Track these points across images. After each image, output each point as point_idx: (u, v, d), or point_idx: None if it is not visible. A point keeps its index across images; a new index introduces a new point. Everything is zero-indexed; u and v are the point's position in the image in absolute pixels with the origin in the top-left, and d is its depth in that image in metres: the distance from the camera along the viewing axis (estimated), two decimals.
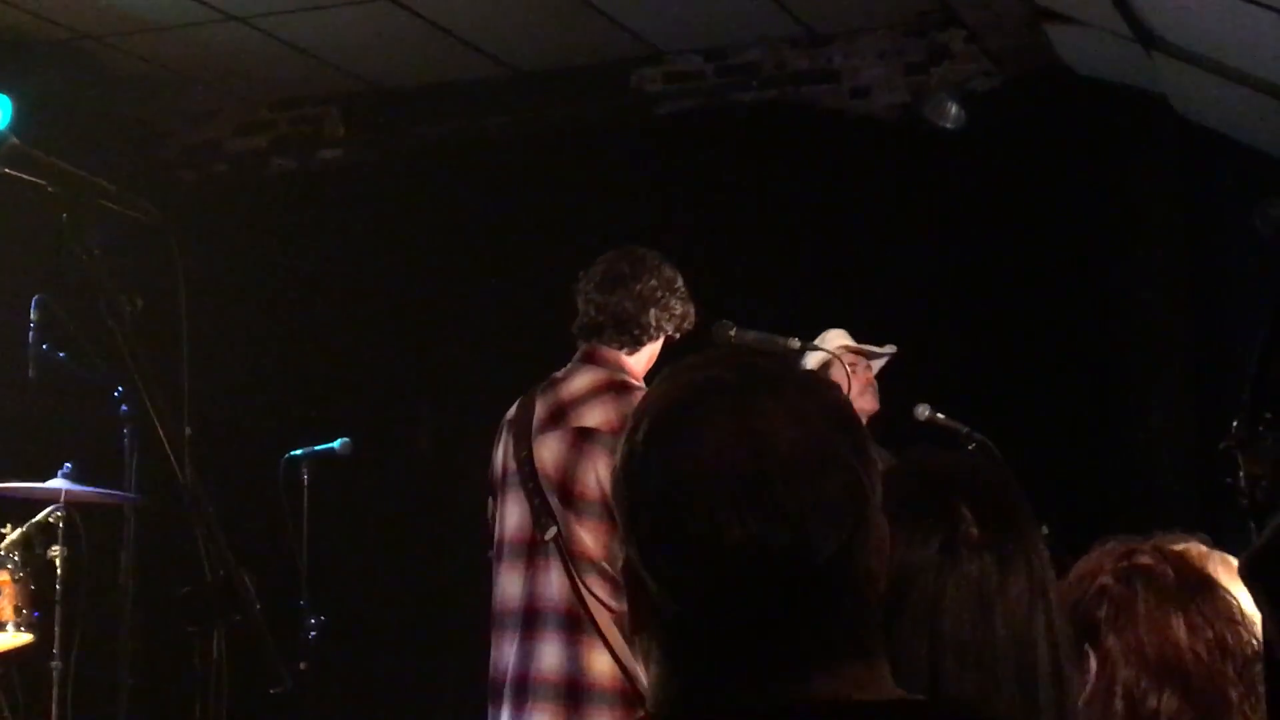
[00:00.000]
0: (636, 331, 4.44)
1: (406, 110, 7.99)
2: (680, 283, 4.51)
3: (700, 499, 1.45)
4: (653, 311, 4.43)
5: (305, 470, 6.40)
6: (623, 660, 4.25)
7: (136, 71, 7.62)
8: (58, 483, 5.74)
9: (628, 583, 1.53)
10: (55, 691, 5.67)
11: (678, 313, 4.49)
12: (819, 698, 1.45)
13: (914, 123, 7.02)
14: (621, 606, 4.25)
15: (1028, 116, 6.88)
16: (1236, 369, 6.39)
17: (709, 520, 1.45)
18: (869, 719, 1.46)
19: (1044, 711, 1.79)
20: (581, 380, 4.43)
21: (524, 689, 4.34)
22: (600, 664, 4.27)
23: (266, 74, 7.73)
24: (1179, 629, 2.15)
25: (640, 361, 4.48)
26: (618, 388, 4.35)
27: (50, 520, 5.78)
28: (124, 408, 5.52)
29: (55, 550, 5.75)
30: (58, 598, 5.71)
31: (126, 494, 5.57)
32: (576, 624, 4.29)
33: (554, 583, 4.33)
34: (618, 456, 1.54)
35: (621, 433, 4.28)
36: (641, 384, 4.41)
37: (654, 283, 4.46)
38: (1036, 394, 6.62)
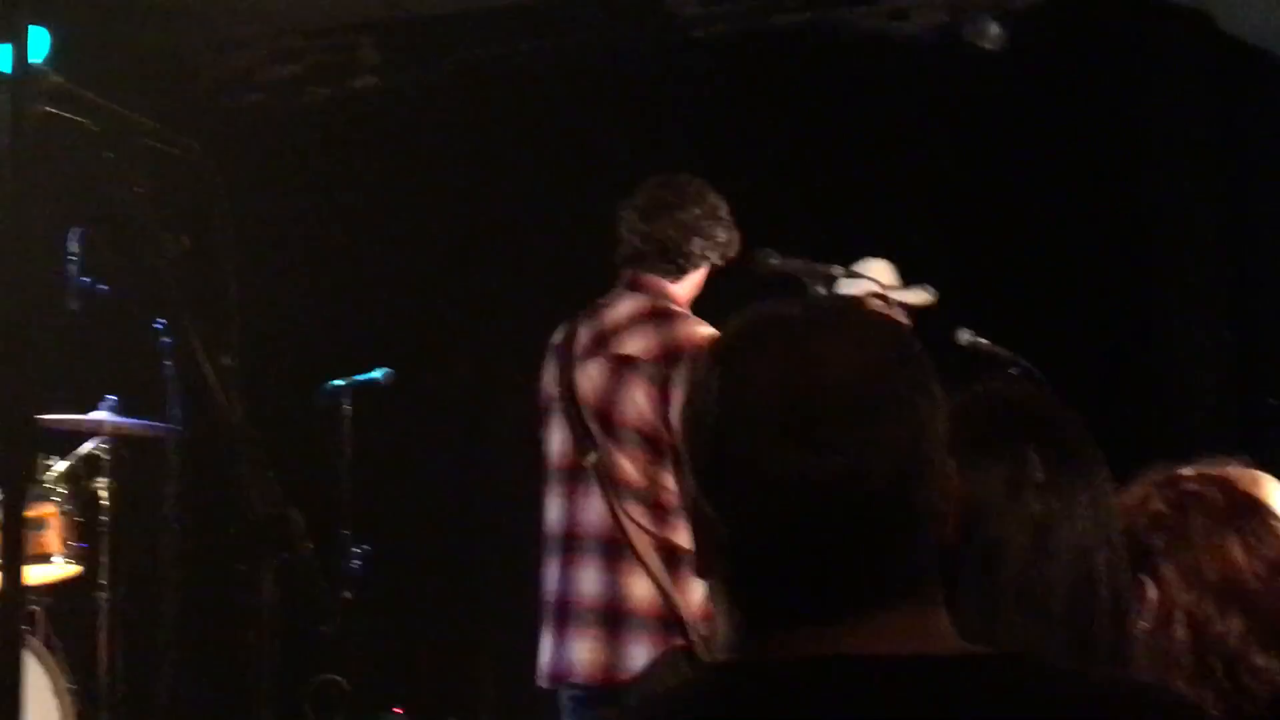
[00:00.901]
0: (680, 259, 4.43)
1: (439, 36, 7.94)
2: (724, 210, 4.50)
3: (753, 428, 1.45)
4: (696, 240, 4.42)
5: (346, 400, 6.41)
6: (662, 585, 4.27)
7: (168, 2, 7.58)
8: (101, 415, 5.76)
9: (692, 519, 1.53)
10: (103, 622, 5.72)
11: (722, 240, 4.48)
12: (873, 647, 1.44)
13: (954, 43, 6.93)
14: (660, 532, 4.27)
15: (1069, 35, 6.79)
16: (1271, 285, 6.37)
17: (761, 449, 1.44)
18: (924, 674, 1.44)
19: (1101, 651, 1.78)
20: (624, 308, 4.43)
21: (565, 613, 4.39)
22: (639, 589, 4.30)
23: (296, 3, 7.68)
24: (1236, 550, 2.15)
25: (685, 289, 4.47)
26: (659, 315, 4.35)
27: (94, 452, 5.82)
28: (165, 340, 5.54)
29: (100, 482, 5.79)
30: (104, 529, 5.75)
31: (170, 425, 5.60)
32: (616, 550, 4.32)
33: (594, 508, 4.36)
34: (686, 389, 1.55)
35: (662, 360, 4.25)
36: (686, 311, 4.40)
37: (698, 210, 4.45)
38: (1075, 317, 6.57)
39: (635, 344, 4.33)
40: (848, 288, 5.17)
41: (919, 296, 5.29)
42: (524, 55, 7.75)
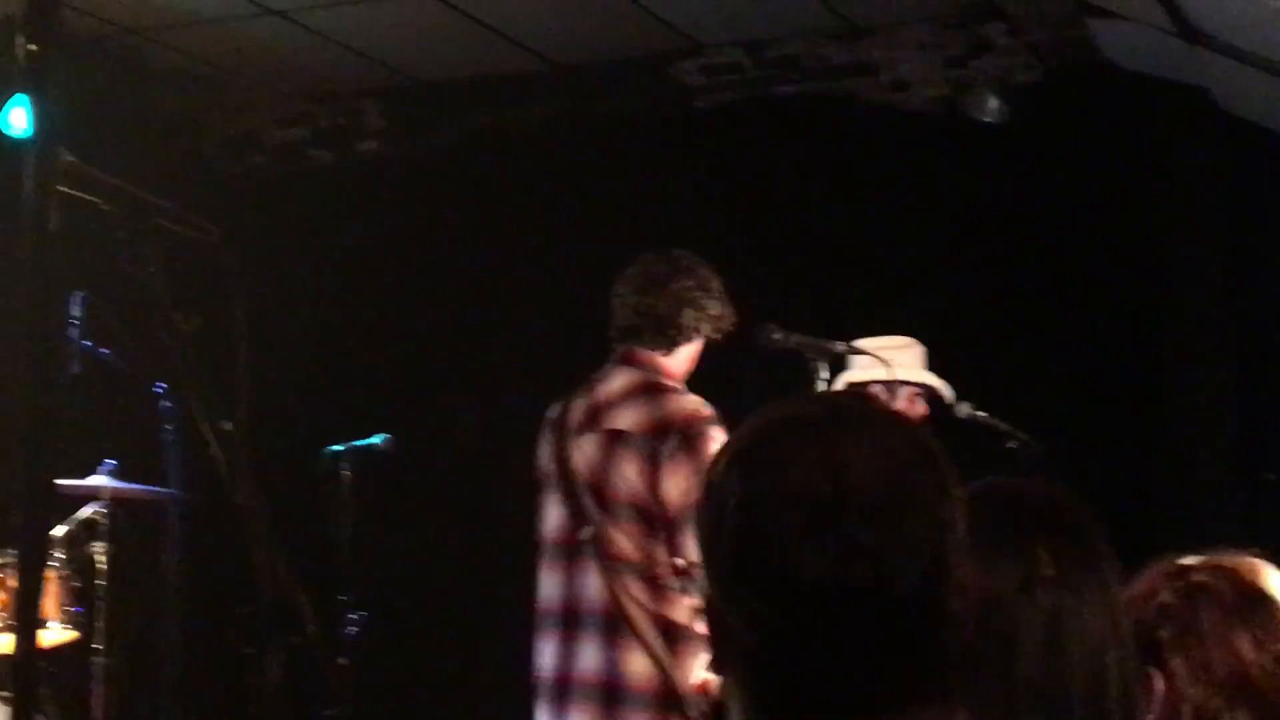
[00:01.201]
0: (672, 332, 4.44)
1: (444, 103, 7.99)
2: (716, 283, 4.51)
3: (779, 530, 1.45)
4: (688, 312, 4.44)
5: (346, 465, 6.41)
6: (660, 661, 4.27)
7: (176, 65, 7.64)
8: (100, 479, 5.76)
9: (709, 617, 1.52)
10: (98, 688, 5.69)
11: (714, 313, 4.49)
12: None
13: (954, 116, 6.98)
14: (657, 608, 4.27)
15: (1069, 110, 6.83)
16: (1275, 360, 6.37)
17: (787, 552, 1.44)
18: None
19: None
20: (616, 382, 4.44)
21: (564, 690, 4.38)
22: (637, 665, 4.29)
23: (305, 67, 7.74)
24: (1244, 645, 2.14)
25: (677, 363, 4.48)
26: (651, 389, 4.37)
27: (93, 517, 5.80)
28: (166, 405, 5.54)
29: (98, 547, 5.77)
30: (101, 594, 5.73)
31: (170, 490, 5.59)
32: (614, 626, 4.32)
33: (592, 584, 4.36)
34: (700, 488, 1.54)
35: (652, 434, 4.22)
36: (677, 385, 4.41)
37: (689, 283, 4.46)
38: (1078, 392, 6.59)
39: (626, 419, 4.35)
40: (853, 371, 5.18)
41: (925, 377, 5.27)
42: (528, 123, 7.80)
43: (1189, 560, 2.30)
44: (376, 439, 6.45)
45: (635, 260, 4.58)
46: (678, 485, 4.20)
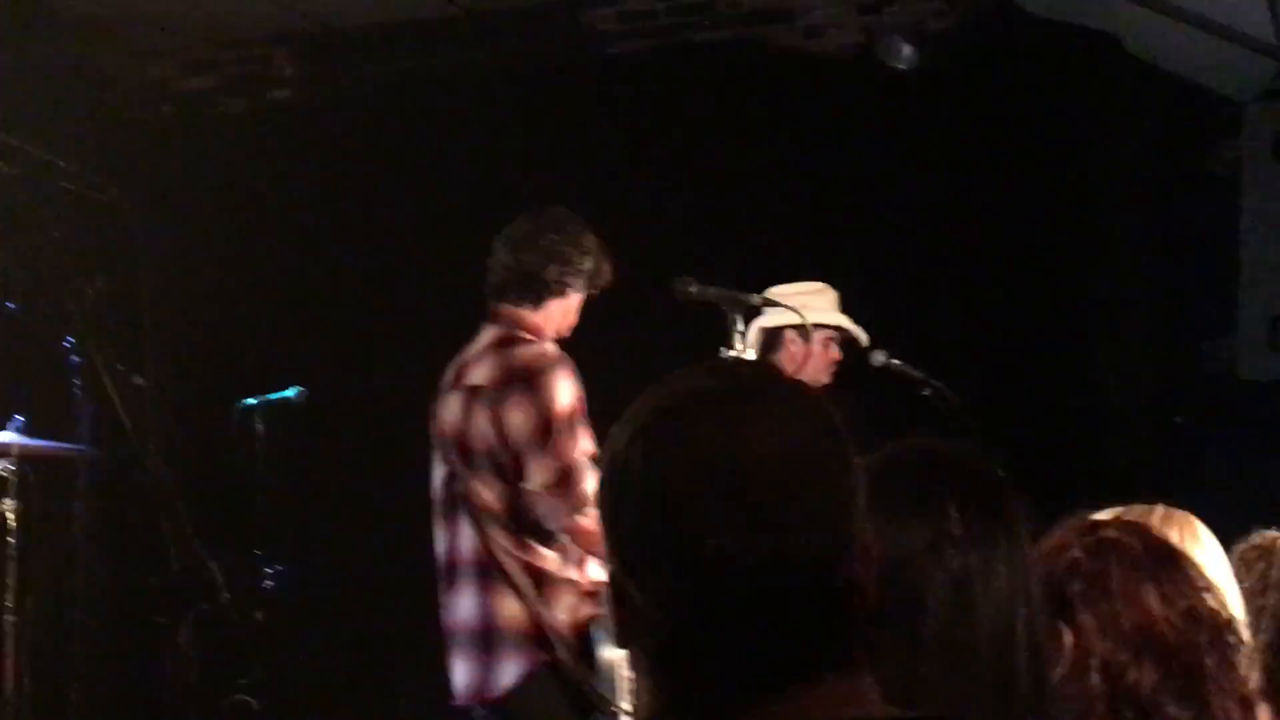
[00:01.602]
0: (538, 287, 4.52)
1: (355, 50, 7.89)
2: (588, 238, 4.57)
3: (682, 507, 1.45)
4: (553, 268, 4.51)
5: (260, 419, 6.36)
6: (531, 605, 4.42)
7: (79, 12, 7.47)
8: (8, 436, 5.66)
9: (612, 595, 1.52)
10: (9, 645, 5.63)
11: (585, 268, 4.54)
12: (803, 716, 1.44)
13: (868, 62, 6.98)
14: (524, 555, 4.38)
15: (980, 56, 6.85)
16: (1191, 302, 6.45)
17: (693, 526, 1.44)
18: None
19: (1021, 705, 1.80)
20: (480, 340, 4.59)
21: (450, 637, 4.58)
22: (508, 609, 4.46)
23: (214, 13, 7.60)
24: (1152, 600, 2.16)
25: (546, 318, 4.54)
26: (505, 343, 4.49)
27: (1, 473, 5.71)
28: (74, 359, 5.45)
29: (7, 504, 5.68)
30: (11, 552, 5.65)
31: (80, 446, 5.52)
32: (487, 574, 4.49)
33: (467, 536, 4.53)
34: (601, 465, 1.53)
35: (500, 384, 4.26)
36: (536, 339, 4.46)
37: (554, 237, 4.53)
38: (994, 339, 6.63)
39: (480, 374, 4.48)
40: (767, 317, 5.19)
41: (838, 319, 5.29)
42: (439, 69, 7.71)
43: (1101, 515, 2.32)
44: (290, 392, 6.41)
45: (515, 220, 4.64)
46: (515, 422, 4.32)
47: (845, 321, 5.36)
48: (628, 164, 6.99)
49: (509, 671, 4.44)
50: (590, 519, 4.28)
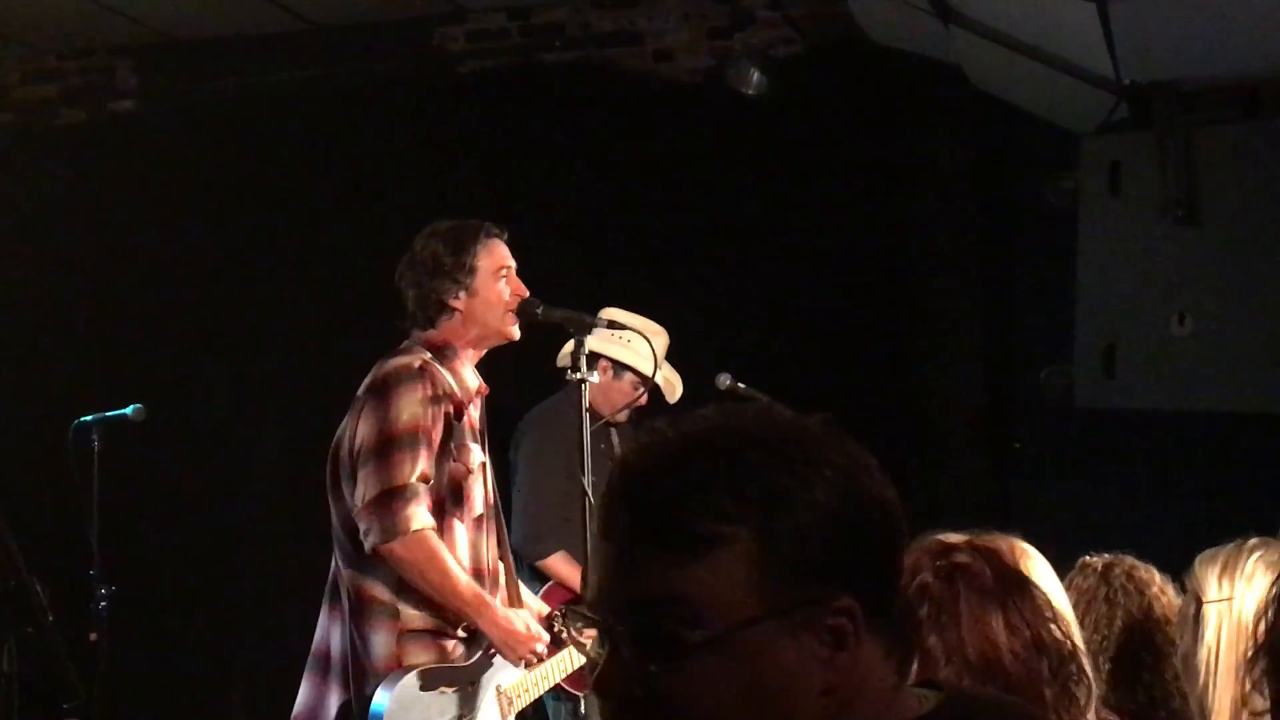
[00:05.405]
0: (420, 314, 4.43)
1: (201, 63, 7.78)
2: (437, 249, 4.42)
3: None
4: (412, 293, 4.42)
5: (96, 436, 6.22)
6: (349, 632, 4.30)
7: None
8: None
9: None
10: None
11: (445, 287, 4.40)
12: None
13: (716, 88, 7.04)
14: (355, 579, 4.28)
15: (828, 84, 6.95)
16: (1023, 333, 6.58)
17: None
18: None
19: None
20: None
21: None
22: (336, 637, 4.37)
23: (55, 21, 7.46)
24: (999, 628, 2.18)
25: (447, 333, 4.42)
26: (382, 360, 4.36)
27: None
28: None
29: None
30: None
31: None
32: (334, 594, 4.41)
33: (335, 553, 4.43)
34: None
35: (361, 394, 4.17)
36: (414, 354, 4.33)
37: (407, 266, 4.45)
38: (831, 364, 6.70)
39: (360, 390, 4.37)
40: (595, 339, 5.23)
41: (651, 369, 5.23)
42: (287, 85, 7.64)
43: (953, 538, 2.33)
44: (128, 410, 6.27)
45: None
46: (361, 432, 4.24)
47: (662, 375, 5.53)
48: (475, 182, 6.98)
49: (333, 703, 4.32)
50: (410, 545, 4.14)
